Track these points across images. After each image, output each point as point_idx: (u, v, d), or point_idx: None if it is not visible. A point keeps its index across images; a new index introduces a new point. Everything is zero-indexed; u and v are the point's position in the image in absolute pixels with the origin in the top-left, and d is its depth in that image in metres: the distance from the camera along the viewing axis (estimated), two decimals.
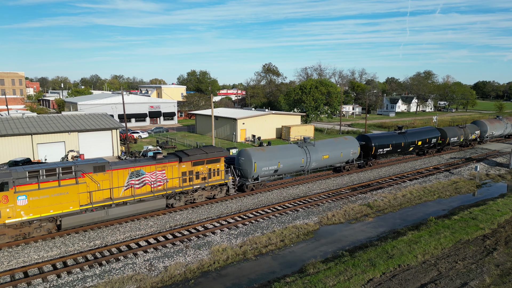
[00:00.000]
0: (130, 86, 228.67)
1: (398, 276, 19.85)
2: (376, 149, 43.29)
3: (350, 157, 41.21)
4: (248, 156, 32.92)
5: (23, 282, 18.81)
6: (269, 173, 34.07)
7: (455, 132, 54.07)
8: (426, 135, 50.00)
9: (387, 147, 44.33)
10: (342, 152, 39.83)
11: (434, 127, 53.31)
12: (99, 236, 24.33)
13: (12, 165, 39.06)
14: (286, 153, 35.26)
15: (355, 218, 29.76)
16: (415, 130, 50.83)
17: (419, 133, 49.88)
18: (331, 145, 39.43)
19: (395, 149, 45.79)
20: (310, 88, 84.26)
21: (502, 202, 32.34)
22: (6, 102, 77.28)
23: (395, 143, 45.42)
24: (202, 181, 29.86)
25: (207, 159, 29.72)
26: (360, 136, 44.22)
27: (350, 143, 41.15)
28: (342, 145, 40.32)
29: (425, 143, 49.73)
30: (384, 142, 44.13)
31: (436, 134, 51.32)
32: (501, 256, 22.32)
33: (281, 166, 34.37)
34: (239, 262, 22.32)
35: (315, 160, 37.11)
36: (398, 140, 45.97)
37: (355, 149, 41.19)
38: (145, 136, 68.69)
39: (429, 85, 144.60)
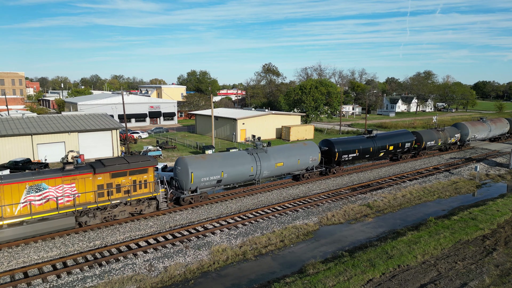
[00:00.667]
0: (130, 86, 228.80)
1: (398, 276, 19.87)
2: (340, 155, 40.16)
3: (309, 164, 37.88)
4: (184, 165, 29.48)
5: (23, 283, 18.83)
6: (211, 183, 30.71)
7: (432, 136, 50.86)
8: (398, 139, 46.70)
9: (352, 153, 41.21)
10: (299, 159, 36.52)
11: (408, 130, 49.72)
12: (99, 237, 24.35)
13: (12, 165, 39.14)
14: (232, 161, 31.84)
15: (354, 218, 29.78)
16: (387, 134, 47.59)
17: (391, 137, 46.51)
18: (287, 152, 36.15)
19: (363, 155, 42.62)
20: (310, 88, 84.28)
21: (501, 202, 32.35)
22: (6, 102, 77.30)
23: (362, 149, 42.19)
24: (124, 195, 26.36)
25: (129, 170, 26.29)
26: (323, 141, 41.18)
27: (309, 149, 37.89)
28: (300, 151, 37.08)
29: (398, 148, 46.59)
30: (349, 147, 40.97)
31: (410, 138, 48.18)
32: (500, 256, 22.33)
33: (225, 176, 30.97)
34: (239, 262, 22.34)
35: (267, 168, 33.90)
36: (366, 145, 42.76)
37: (314, 155, 37.88)
38: (145, 136, 68.70)
39: (429, 85, 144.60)
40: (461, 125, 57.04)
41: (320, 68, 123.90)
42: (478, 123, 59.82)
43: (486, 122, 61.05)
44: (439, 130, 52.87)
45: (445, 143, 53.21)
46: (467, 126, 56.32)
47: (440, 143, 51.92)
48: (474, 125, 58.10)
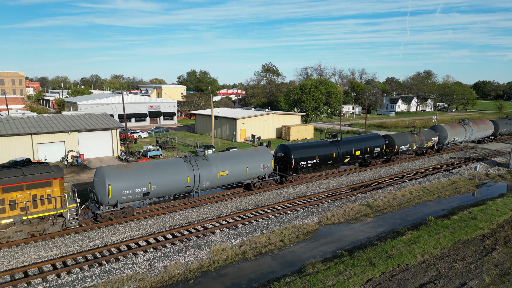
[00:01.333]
0: (130, 86, 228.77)
1: (397, 276, 19.89)
2: (298, 161, 36.67)
3: (260, 172, 34.19)
4: (101, 177, 25.81)
5: (23, 282, 18.85)
6: (136, 197, 26.93)
7: (406, 139, 47.48)
8: (366, 144, 43.26)
9: (312, 159, 37.79)
10: (248, 166, 32.81)
11: (378, 134, 46.12)
12: (98, 236, 24.37)
13: (12, 165, 39.13)
14: (163, 171, 28.04)
15: (354, 218, 29.81)
16: (353, 138, 43.65)
17: (358, 141, 42.93)
18: (233, 159, 32.50)
19: (324, 161, 39.18)
20: (310, 88, 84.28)
21: (501, 202, 32.37)
22: (6, 102, 77.33)
23: (323, 154, 38.79)
24: (21, 213, 22.74)
25: (26, 183, 22.68)
26: (280, 146, 37.75)
27: (261, 156, 34.24)
28: (249, 158, 33.40)
29: (366, 153, 43.22)
30: (308, 153, 37.61)
31: (381, 142, 44.73)
32: (500, 256, 22.35)
33: (153, 188, 27.25)
34: (239, 262, 22.36)
35: (208, 178, 30.19)
36: (328, 151, 39.30)
37: (266, 162, 34.23)
38: (145, 136, 68.72)
39: (429, 85, 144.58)
40: (440, 127, 54.10)
41: (320, 68, 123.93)
42: (458, 125, 56.88)
43: (467, 124, 58.00)
44: (414, 133, 49.80)
45: (421, 147, 50.00)
46: (446, 129, 53.29)
47: (415, 147, 48.74)
48: (454, 127, 55.05)
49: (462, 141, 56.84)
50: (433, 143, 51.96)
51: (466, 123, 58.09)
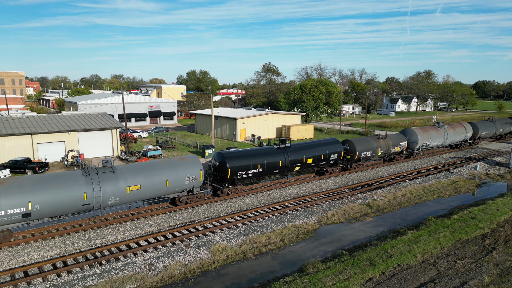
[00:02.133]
0: (130, 85, 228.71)
1: (398, 275, 19.90)
2: (234, 171, 32.07)
3: (186, 185, 29.39)
4: None
5: (23, 282, 18.85)
6: (12, 219, 22.19)
7: (369, 145, 43.27)
8: (321, 150, 38.77)
9: (253, 169, 33.21)
10: (168, 179, 28.01)
11: (336, 139, 41.68)
12: (99, 236, 24.38)
13: (12, 164, 39.19)
14: (50, 187, 23.37)
15: (354, 217, 29.81)
16: (306, 144, 38.88)
17: (312, 147, 38.55)
18: (149, 170, 27.44)
19: (269, 171, 34.63)
20: (310, 87, 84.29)
21: (501, 201, 32.38)
22: (6, 101, 77.36)
23: (267, 163, 34.10)
24: None
25: None
26: (217, 154, 32.87)
27: (186, 166, 29.37)
28: (171, 168, 28.57)
29: (321, 160, 38.88)
30: (248, 161, 32.89)
31: (338, 149, 40.33)
32: (500, 255, 22.36)
33: (36, 208, 22.66)
34: (239, 261, 22.37)
35: (113, 193, 25.40)
36: (273, 159, 34.68)
37: (194, 173, 29.51)
38: (145, 136, 68.73)
39: (429, 85, 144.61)
40: (410, 131, 50.21)
41: (320, 68, 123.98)
42: (432, 128, 52.84)
43: (442, 127, 53.92)
44: (380, 137, 45.50)
45: (387, 152, 45.75)
46: (417, 133, 49.35)
47: (380, 153, 44.52)
48: (426, 131, 51.15)
49: (436, 145, 52.80)
50: (401, 148, 47.94)
51: (441, 126, 54.13)
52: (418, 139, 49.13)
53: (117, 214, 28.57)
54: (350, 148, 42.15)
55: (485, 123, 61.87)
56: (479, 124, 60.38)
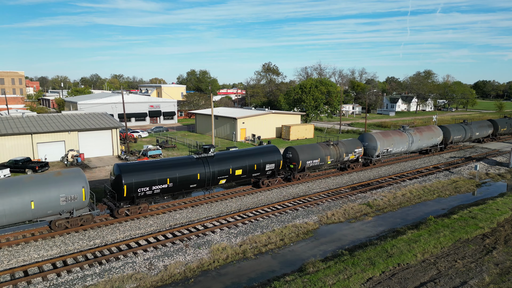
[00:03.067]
0: (130, 85, 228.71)
1: (398, 275, 19.89)
2: (133, 188, 26.64)
3: (62, 207, 23.98)
4: None
5: (23, 281, 18.85)
6: None
7: (316, 152, 38.33)
8: (254, 159, 33.57)
9: (161, 184, 27.75)
10: (33, 200, 22.75)
11: (275, 147, 36.22)
12: (99, 235, 24.36)
13: (12, 164, 39.18)
14: None
15: (354, 217, 29.80)
16: (235, 153, 33.47)
17: (241, 156, 33.10)
18: (7, 189, 22.35)
19: (183, 185, 29.20)
20: (310, 87, 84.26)
21: (501, 201, 32.37)
22: (6, 101, 77.34)
23: (180, 176, 28.70)
24: None
25: None
26: (115, 167, 27.18)
27: (62, 183, 24.00)
28: (38, 187, 23.18)
29: (253, 171, 33.57)
30: (152, 175, 27.41)
31: (276, 157, 35.03)
32: (500, 255, 22.35)
33: None
34: (239, 261, 22.36)
35: None
36: (190, 171, 29.26)
37: (72, 192, 24.09)
38: (145, 136, 68.72)
39: (429, 85, 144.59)
40: (368, 136, 45.16)
41: (320, 68, 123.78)
42: (395, 133, 47.83)
43: (406, 131, 49.02)
44: (331, 143, 40.39)
45: (339, 160, 40.87)
46: (375, 138, 44.22)
47: (330, 161, 39.53)
48: (387, 136, 46.07)
49: (400, 151, 47.97)
50: (357, 156, 42.97)
51: (406, 130, 49.29)
52: (377, 145, 44.13)
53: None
54: (293, 157, 37.29)
55: (458, 126, 57.02)
56: (451, 127, 55.68)
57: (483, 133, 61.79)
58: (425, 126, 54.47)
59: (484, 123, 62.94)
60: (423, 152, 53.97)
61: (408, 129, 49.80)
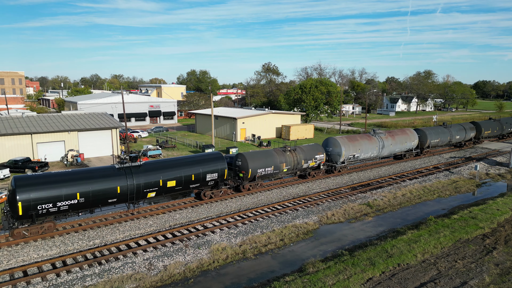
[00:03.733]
0: (130, 85, 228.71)
1: (398, 275, 19.85)
2: (30, 206, 22.49)
3: None
4: None
5: (22, 281, 18.81)
6: None
7: (269, 160, 34.45)
8: (191, 169, 29.46)
9: (68, 199, 23.60)
10: None
11: (220, 154, 32.37)
12: (98, 235, 24.32)
13: (12, 164, 39.14)
14: None
15: (354, 217, 29.76)
16: (168, 162, 29.19)
17: (176, 166, 28.93)
18: None
19: (99, 201, 24.99)
20: (310, 87, 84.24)
21: (502, 201, 32.34)
22: (6, 101, 77.32)
23: (94, 190, 24.48)
24: None
25: None
26: (12, 180, 23.06)
27: None
28: None
29: (190, 182, 29.46)
30: (58, 190, 23.29)
31: (219, 166, 31.15)
32: (500, 255, 22.32)
33: None
34: (239, 261, 22.32)
35: None
36: (106, 183, 25.02)
37: None
38: (145, 136, 68.69)
39: (429, 85, 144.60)
40: (332, 141, 41.27)
41: (320, 68, 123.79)
42: (363, 137, 43.86)
43: (377, 135, 45.23)
44: (288, 149, 36.69)
45: (297, 168, 37.12)
46: (340, 143, 40.47)
47: (286, 168, 35.75)
48: (354, 140, 42.29)
49: (369, 157, 44.36)
50: (318, 163, 39.15)
51: (376, 134, 45.52)
52: (342, 151, 40.45)
53: (116, 214, 28.47)
54: (242, 164, 33.43)
55: (436, 129, 53.36)
56: (428, 130, 51.89)
57: (465, 137, 57.50)
58: (399, 129, 50.37)
59: (465, 125, 58.80)
60: (398, 157, 50.32)
61: (379, 132, 46.11)
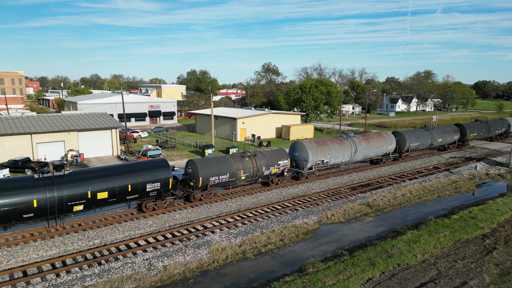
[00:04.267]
0: (130, 85, 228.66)
1: (398, 275, 19.84)
2: None
3: None
4: None
5: (22, 281, 18.79)
6: None
7: (223, 167, 31.58)
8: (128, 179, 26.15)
9: None
10: None
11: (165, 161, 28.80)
12: (98, 235, 24.31)
13: (12, 164, 39.11)
14: None
15: (354, 217, 29.75)
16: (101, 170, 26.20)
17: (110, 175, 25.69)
18: None
19: (12, 217, 22.04)
20: (310, 87, 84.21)
21: (501, 201, 32.32)
22: (6, 101, 77.30)
23: (3, 204, 21.47)
24: None
25: None
26: None
27: None
28: None
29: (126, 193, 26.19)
30: None
31: (163, 175, 27.66)
32: (500, 255, 22.30)
33: None
34: (239, 261, 22.30)
35: None
36: (20, 197, 21.98)
37: None
38: (145, 136, 68.67)
39: (429, 85, 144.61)
40: (298, 146, 38.18)
41: (320, 68, 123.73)
42: (333, 141, 40.77)
43: (349, 139, 42.05)
44: (247, 154, 33.77)
45: (258, 175, 34.38)
46: (307, 148, 37.34)
47: (244, 176, 33.08)
48: (323, 145, 39.10)
49: (341, 162, 41.36)
50: (281, 169, 36.08)
51: (349, 138, 42.32)
52: (309, 156, 37.26)
53: (116, 214, 28.48)
54: (192, 172, 30.47)
55: (417, 132, 49.95)
56: (407, 133, 48.51)
57: (448, 139, 54.35)
58: (375, 132, 47.12)
59: (449, 128, 55.36)
60: (375, 162, 47.18)
61: (352, 136, 42.90)
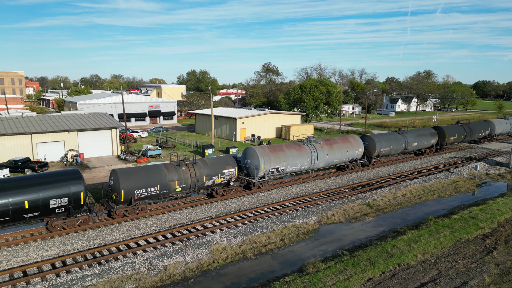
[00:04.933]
0: (130, 85, 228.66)
1: (398, 275, 19.82)
2: None
3: None
4: None
5: (22, 281, 18.78)
6: None
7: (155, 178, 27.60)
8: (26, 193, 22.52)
9: None
10: None
11: (76, 171, 25.09)
12: (98, 235, 24.29)
13: (12, 164, 39.10)
14: None
15: (354, 217, 29.74)
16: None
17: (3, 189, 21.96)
18: None
19: None
20: (310, 87, 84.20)
21: (502, 201, 32.31)
22: (6, 101, 77.29)
23: None
24: None
25: None
26: None
27: None
28: None
29: (24, 211, 22.57)
30: None
31: (72, 189, 23.98)
32: (501, 255, 22.29)
33: None
34: (239, 261, 22.29)
35: None
36: None
37: None
38: (145, 136, 68.65)
39: (429, 85, 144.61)
40: (250, 152, 34.12)
41: (320, 68, 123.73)
42: (290, 146, 36.69)
43: (309, 144, 37.95)
44: (186, 163, 29.80)
45: (197, 186, 30.27)
46: (258, 154, 33.44)
47: (180, 187, 29.04)
48: (278, 151, 35.18)
49: (299, 169, 37.22)
50: (227, 178, 32.11)
51: (310, 143, 38.27)
52: (260, 164, 33.31)
53: None
54: (114, 184, 26.58)
55: (389, 136, 46.12)
56: (377, 137, 44.46)
57: (424, 144, 50.55)
58: (340, 137, 42.59)
59: (425, 131, 51.38)
60: (341, 168, 43.20)
61: (314, 141, 38.63)
